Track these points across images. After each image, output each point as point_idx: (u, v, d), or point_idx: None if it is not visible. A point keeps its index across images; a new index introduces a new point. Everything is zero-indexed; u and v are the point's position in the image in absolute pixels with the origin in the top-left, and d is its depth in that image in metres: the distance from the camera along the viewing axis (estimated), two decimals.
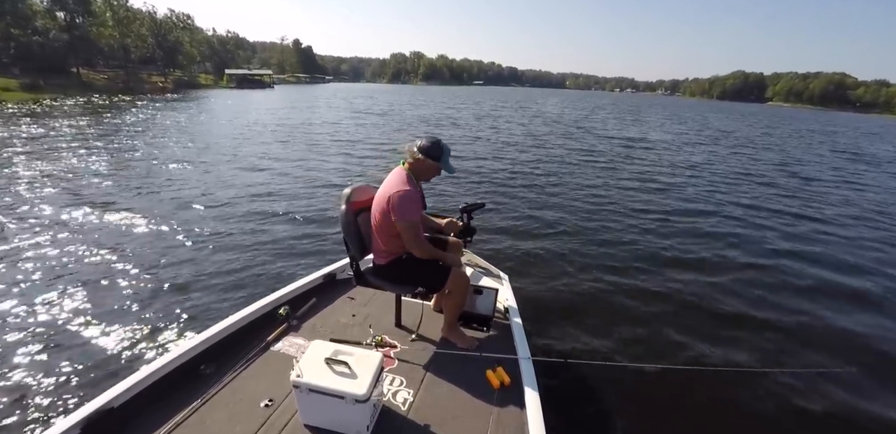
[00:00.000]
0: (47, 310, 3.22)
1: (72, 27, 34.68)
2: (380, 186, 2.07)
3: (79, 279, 3.69)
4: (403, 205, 1.90)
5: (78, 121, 14.85)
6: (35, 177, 6.99)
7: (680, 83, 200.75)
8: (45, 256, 4.07)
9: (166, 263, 4.05)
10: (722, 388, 2.72)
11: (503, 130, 16.92)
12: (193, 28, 59.74)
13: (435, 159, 1.99)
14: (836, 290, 4.28)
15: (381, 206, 1.97)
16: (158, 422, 1.53)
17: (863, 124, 45.58)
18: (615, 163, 10.95)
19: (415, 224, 1.95)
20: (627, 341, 3.19)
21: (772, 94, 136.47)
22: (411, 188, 1.94)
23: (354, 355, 1.59)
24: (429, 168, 2.02)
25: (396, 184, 1.95)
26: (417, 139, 2.02)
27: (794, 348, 3.26)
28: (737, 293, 4.04)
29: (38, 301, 3.33)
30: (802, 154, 15.54)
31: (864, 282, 4.50)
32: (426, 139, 2.00)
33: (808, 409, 2.60)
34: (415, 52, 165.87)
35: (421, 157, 1.98)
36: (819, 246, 5.54)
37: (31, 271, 3.76)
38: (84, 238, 4.56)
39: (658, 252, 4.94)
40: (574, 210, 6.53)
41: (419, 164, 2.00)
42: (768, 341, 3.33)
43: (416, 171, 2.03)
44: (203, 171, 8.03)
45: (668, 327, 3.40)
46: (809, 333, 3.49)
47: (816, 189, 9.32)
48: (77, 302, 3.34)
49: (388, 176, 2.06)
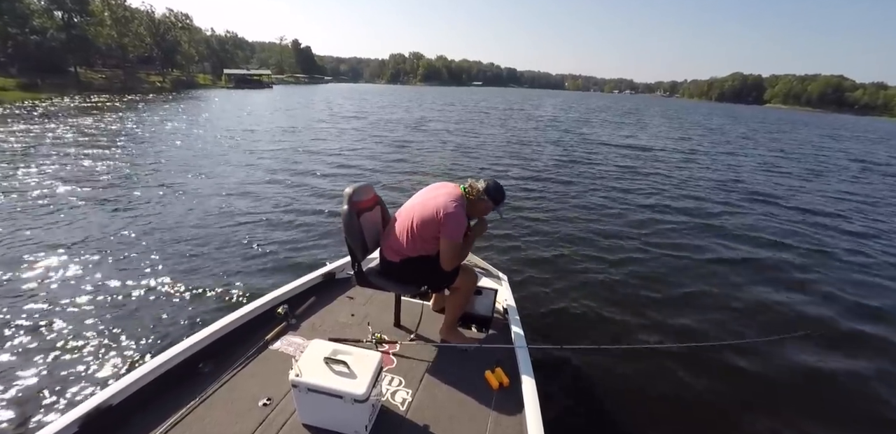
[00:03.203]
0: (44, 308, 3.21)
1: (69, 26, 34.55)
2: (422, 190, 2.16)
3: (76, 277, 3.68)
4: (456, 226, 1.97)
5: (74, 121, 14.79)
6: (25, 178, 6.96)
7: (678, 85, 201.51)
8: (40, 256, 4.06)
9: (163, 263, 4.04)
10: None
11: (497, 134, 16.90)
12: (192, 28, 59.59)
13: (495, 202, 2.10)
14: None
15: (426, 212, 2.00)
16: (157, 420, 1.52)
17: (869, 127, 45.74)
18: (615, 166, 10.98)
19: (458, 246, 2.01)
20: (627, 342, 3.19)
21: (770, 96, 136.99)
22: (464, 214, 2.02)
23: (353, 355, 1.58)
24: (485, 207, 2.12)
25: (452, 200, 1.99)
26: (481, 179, 2.11)
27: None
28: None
29: (36, 299, 3.32)
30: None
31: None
32: (493, 182, 2.10)
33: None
34: (414, 53, 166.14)
35: (485, 198, 2.07)
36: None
37: (25, 271, 3.75)
38: (80, 235, 4.55)
39: (662, 253, 4.94)
40: (574, 211, 6.54)
41: (479, 201, 2.09)
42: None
43: (472, 204, 2.09)
44: (197, 171, 8.02)
45: (673, 328, 3.40)
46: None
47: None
48: (75, 300, 3.33)
49: (439, 186, 2.13)
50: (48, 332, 2.93)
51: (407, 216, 2.06)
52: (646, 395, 2.65)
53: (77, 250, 4.22)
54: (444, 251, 2.00)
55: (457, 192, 2.06)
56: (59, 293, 3.43)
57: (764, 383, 2.82)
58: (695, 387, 2.73)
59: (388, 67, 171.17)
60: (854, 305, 3.98)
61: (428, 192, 2.12)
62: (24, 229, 4.68)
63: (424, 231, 2.00)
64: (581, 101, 57.32)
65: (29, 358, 2.66)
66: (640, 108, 45.98)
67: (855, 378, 2.95)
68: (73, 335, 2.91)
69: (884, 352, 3.28)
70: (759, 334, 3.38)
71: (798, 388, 2.82)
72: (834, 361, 3.12)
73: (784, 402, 2.66)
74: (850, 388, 2.86)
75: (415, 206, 2.07)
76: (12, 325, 2.98)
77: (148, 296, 3.45)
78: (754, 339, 3.19)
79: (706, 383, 2.77)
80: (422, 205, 2.04)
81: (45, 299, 3.34)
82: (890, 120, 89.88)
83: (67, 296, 3.39)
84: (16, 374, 2.51)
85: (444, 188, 2.10)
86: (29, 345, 2.79)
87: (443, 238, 1.98)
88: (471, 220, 2.17)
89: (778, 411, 2.57)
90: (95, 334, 2.92)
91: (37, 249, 4.20)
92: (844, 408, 2.68)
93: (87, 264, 3.95)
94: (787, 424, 2.47)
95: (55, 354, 2.70)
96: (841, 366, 3.07)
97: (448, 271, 2.06)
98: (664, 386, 2.73)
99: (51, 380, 2.48)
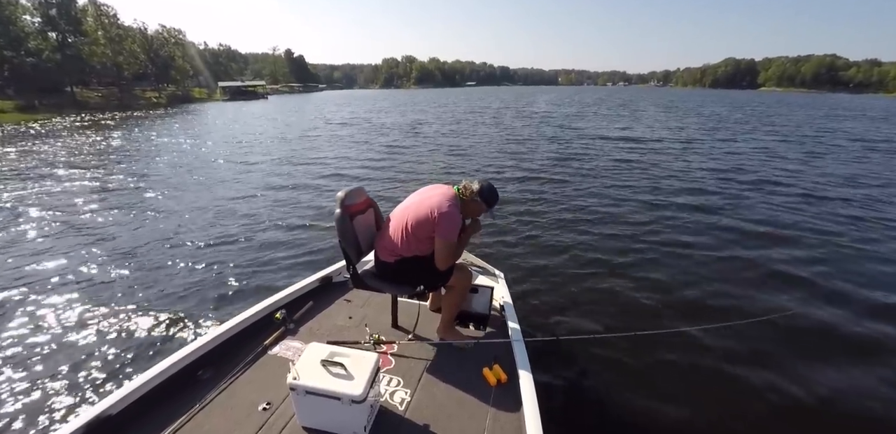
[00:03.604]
0: (45, 318, 3.26)
1: (64, 47, 34.86)
2: (417, 192, 2.18)
3: (76, 286, 3.73)
4: (450, 225, 1.99)
5: (68, 141, 14.91)
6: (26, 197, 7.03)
7: (672, 74, 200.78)
8: (41, 267, 4.09)
9: (162, 271, 4.08)
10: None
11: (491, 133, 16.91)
12: (185, 43, 59.94)
13: (488, 205, 2.10)
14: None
15: (421, 212, 2.01)
16: (157, 428, 1.54)
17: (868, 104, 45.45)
18: (610, 161, 10.94)
19: (453, 244, 2.02)
20: (626, 338, 3.14)
21: (764, 79, 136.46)
22: (459, 215, 2.03)
23: (350, 356, 1.60)
24: (479, 208, 2.12)
25: (446, 200, 2.01)
26: (475, 181, 2.10)
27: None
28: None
29: (37, 309, 3.37)
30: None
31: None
32: (487, 184, 2.09)
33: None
34: (406, 57, 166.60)
35: (478, 200, 2.07)
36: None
37: (25, 284, 3.79)
38: (76, 243, 4.60)
39: (660, 245, 4.92)
40: (569, 206, 6.54)
41: (472, 202, 2.09)
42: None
43: (465, 205, 2.10)
44: (190, 183, 8.07)
45: (672, 319, 3.38)
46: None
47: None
48: (75, 309, 3.38)
49: (433, 188, 2.15)
50: (46, 342, 2.96)
51: (401, 217, 2.08)
52: (645, 386, 2.63)
53: (75, 258, 4.28)
54: (438, 250, 2.02)
55: (451, 193, 2.08)
56: (56, 303, 3.47)
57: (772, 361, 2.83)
58: (696, 376, 2.73)
59: (382, 72, 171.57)
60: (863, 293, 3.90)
61: (422, 194, 2.14)
62: (22, 236, 4.74)
63: (419, 231, 2.01)
64: (574, 96, 57.10)
65: (28, 368, 2.69)
66: (633, 100, 45.75)
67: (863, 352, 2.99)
68: (72, 345, 2.94)
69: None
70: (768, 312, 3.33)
71: (809, 366, 2.83)
72: (838, 338, 3.14)
73: (797, 381, 2.66)
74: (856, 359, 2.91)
75: (409, 206, 2.09)
76: (10, 336, 3.01)
77: (145, 304, 3.48)
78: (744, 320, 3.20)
79: (707, 371, 2.76)
80: (416, 205, 2.05)
81: (42, 309, 3.38)
82: (886, 96, 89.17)
83: (64, 306, 3.43)
84: (15, 385, 2.53)
85: (439, 189, 2.12)
86: (28, 355, 2.81)
87: (437, 237, 1.99)
88: (465, 220, 2.19)
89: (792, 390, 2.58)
90: (94, 344, 2.95)
91: (34, 256, 4.26)
92: (849, 382, 2.69)
93: (85, 272, 3.99)
94: (800, 404, 2.48)
95: (54, 364, 2.73)
96: (849, 341, 3.11)
97: (443, 270, 2.08)
98: (663, 375, 2.73)
99: (51, 390, 2.50)
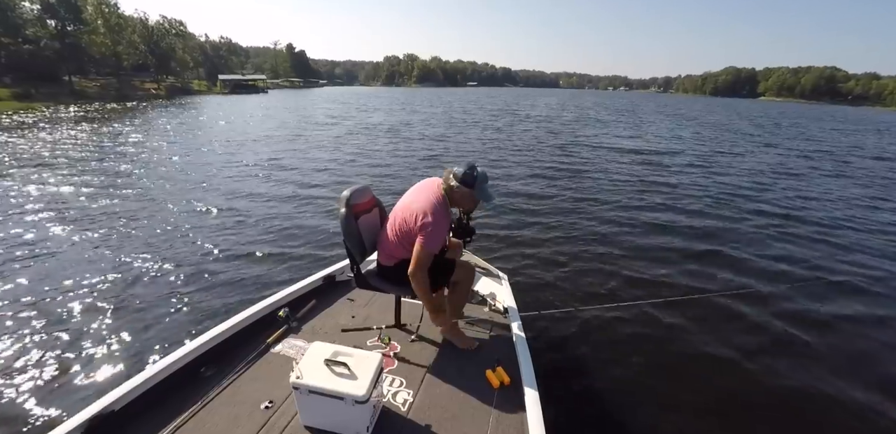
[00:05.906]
0: (47, 314, 3.22)
1: (63, 35, 34.49)
2: (409, 191, 2.09)
3: (79, 283, 3.69)
4: (433, 236, 1.89)
5: (65, 132, 14.76)
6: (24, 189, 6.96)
7: (673, 80, 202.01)
8: (42, 264, 4.05)
9: (166, 267, 4.05)
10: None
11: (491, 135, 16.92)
12: (186, 34, 59.48)
13: (468, 187, 1.94)
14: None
15: (407, 216, 1.95)
16: (159, 424, 1.53)
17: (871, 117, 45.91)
18: (613, 166, 10.99)
19: (431, 255, 1.92)
20: (629, 339, 3.19)
21: (763, 89, 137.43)
22: (444, 219, 1.94)
23: (354, 356, 1.59)
24: (463, 196, 1.98)
25: (430, 205, 1.91)
26: (458, 166, 1.97)
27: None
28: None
29: (38, 306, 3.32)
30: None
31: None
32: (466, 165, 1.96)
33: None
34: (408, 55, 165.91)
35: (455, 185, 1.94)
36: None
37: (26, 278, 3.75)
38: (81, 238, 4.55)
39: (661, 247, 4.95)
40: (573, 208, 6.55)
41: (455, 192, 1.97)
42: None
43: (451, 196, 2.01)
44: (190, 179, 8.02)
45: (675, 317, 3.40)
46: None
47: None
48: (77, 306, 3.34)
49: (423, 185, 2.07)
50: (49, 338, 2.94)
51: (392, 221, 2.06)
52: (651, 392, 2.64)
53: (78, 253, 4.24)
54: (415, 254, 1.92)
55: (438, 192, 2.00)
56: (60, 299, 3.44)
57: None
58: (700, 380, 2.74)
59: (383, 70, 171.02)
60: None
61: (412, 194, 2.06)
62: (26, 228, 4.69)
63: (405, 239, 1.99)
64: (574, 100, 57.21)
65: (31, 364, 2.67)
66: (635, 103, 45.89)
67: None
68: (75, 341, 2.92)
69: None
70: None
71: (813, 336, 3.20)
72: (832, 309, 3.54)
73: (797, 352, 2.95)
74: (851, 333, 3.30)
75: (397, 211, 2.05)
76: (13, 332, 2.98)
77: (149, 301, 3.46)
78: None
79: (710, 374, 2.79)
80: (403, 210, 2.00)
81: (43, 305, 3.34)
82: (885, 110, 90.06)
83: (68, 301, 3.40)
84: (18, 381, 2.51)
85: (427, 190, 2.03)
86: (31, 351, 2.79)
87: (417, 244, 1.91)
88: (463, 212, 2.16)
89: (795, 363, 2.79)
90: (97, 340, 2.93)
91: (37, 252, 4.21)
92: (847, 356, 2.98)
93: (89, 269, 3.95)
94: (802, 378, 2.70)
95: (55, 359, 2.71)
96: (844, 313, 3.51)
97: (440, 270, 2.04)
98: (671, 382, 2.74)
99: (52, 386, 2.48)
